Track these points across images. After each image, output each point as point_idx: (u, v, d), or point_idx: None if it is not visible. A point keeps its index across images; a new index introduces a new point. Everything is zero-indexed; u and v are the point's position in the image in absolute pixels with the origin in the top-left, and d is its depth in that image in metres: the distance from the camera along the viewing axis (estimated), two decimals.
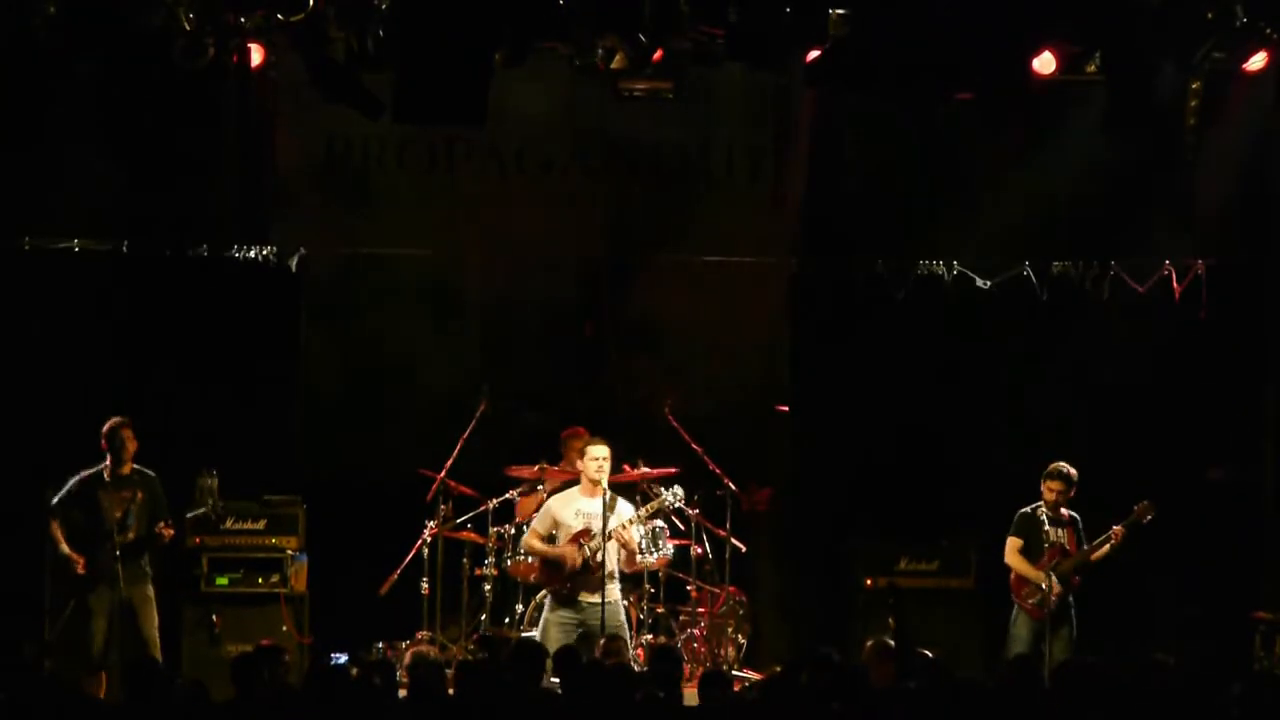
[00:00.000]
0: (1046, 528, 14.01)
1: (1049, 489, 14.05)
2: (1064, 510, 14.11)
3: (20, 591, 14.45)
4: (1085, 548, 14.00)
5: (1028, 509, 14.12)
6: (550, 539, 13.54)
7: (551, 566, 13.48)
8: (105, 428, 13.88)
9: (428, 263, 15.89)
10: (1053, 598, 13.89)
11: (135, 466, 13.94)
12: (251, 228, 15.66)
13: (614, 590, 13.43)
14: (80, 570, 13.71)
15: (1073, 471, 14.06)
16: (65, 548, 13.77)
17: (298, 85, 14.48)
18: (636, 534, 13.66)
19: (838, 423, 15.96)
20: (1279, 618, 14.67)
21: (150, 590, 13.90)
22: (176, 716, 9.48)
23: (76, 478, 13.86)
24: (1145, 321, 15.83)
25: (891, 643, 12.12)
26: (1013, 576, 14.13)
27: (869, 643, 12.28)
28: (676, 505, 14.01)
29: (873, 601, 15.10)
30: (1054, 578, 13.92)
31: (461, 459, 14.81)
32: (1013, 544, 14.12)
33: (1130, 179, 15.59)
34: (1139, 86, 13.69)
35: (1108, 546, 13.98)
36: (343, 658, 14.28)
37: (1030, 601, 14.01)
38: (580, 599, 13.31)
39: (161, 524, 13.75)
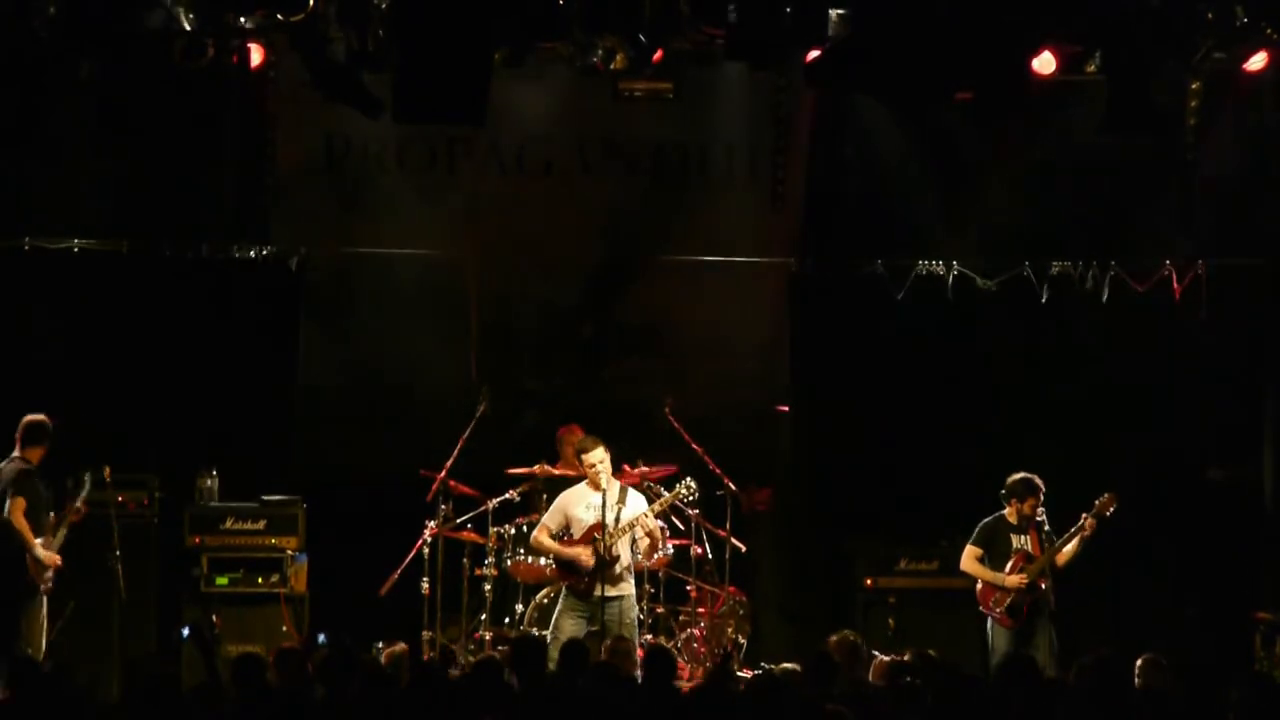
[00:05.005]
0: (1010, 535, 13.86)
1: (1012, 510, 13.84)
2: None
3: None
4: (1051, 547, 13.76)
5: (989, 519, 13.97)
6: (562, 535, 13.58)
7: (566, 565, 13.54)
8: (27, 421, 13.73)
9: (427, 263, 15.89)
10: (1023, 603, 13.70)
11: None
12: (251, 228, 15.66)
13: (628, 585, 13.51)
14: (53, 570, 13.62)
15: (1037, 480, 13.81)
16: (40, 551, 13.61)
17: (298, 85, 14.49)
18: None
19: (837, 423, 15.96)
20: (1279, 618, 14.67)
21: None
22: (178, 717, 9.47)
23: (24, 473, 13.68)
24: (1145, 321, 15.83)
25: (857, 640, 12.00)
26: (979, 587, 13.91)
27: (833, 639, 12.04)
28: (692, 497, 13.93)
29: (873, 601, 15.14)
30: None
31: (461, 459, 14.80)
32: (970, 552, 13.95)
33: (1130, 179, 15.59)
34: (1139, 86, 13.69)
35: (1078, 539, 13.71)
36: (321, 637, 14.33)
37: (998, 610, 13.82)
38: (595, 594, 13.35)
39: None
